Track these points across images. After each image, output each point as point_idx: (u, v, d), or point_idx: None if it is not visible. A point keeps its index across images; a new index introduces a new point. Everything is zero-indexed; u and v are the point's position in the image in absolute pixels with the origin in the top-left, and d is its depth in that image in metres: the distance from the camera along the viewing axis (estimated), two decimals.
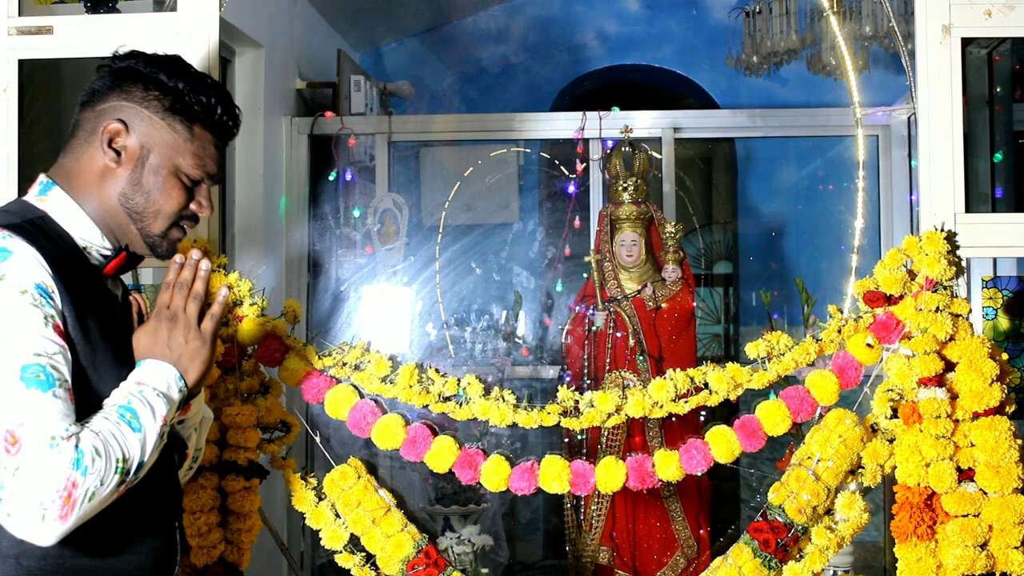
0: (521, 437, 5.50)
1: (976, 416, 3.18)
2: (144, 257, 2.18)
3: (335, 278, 5.65)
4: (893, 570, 3.32)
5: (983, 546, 3.14)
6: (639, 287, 4.58)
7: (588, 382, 4.47)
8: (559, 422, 3.34)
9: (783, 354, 3.30)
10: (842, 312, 3.37)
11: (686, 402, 3.31)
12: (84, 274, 2.03)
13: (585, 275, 4.81)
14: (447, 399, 3.36)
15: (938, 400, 3.16)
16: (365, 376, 3.36)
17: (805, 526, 3.28)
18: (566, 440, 4.54)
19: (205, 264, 2.12)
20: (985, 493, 3.15)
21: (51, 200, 2.06)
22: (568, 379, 4.52)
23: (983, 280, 4.00)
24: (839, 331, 3.32)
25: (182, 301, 2.09)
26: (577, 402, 3.35)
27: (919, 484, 3.17)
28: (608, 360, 4.47)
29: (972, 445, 3.16)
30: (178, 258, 2.12)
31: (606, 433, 4.34)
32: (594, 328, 4.52)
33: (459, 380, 3.38)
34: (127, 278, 3.48)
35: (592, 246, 4.83)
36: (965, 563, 3.12)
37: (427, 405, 3.36)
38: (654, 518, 4.40)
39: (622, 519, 4.43)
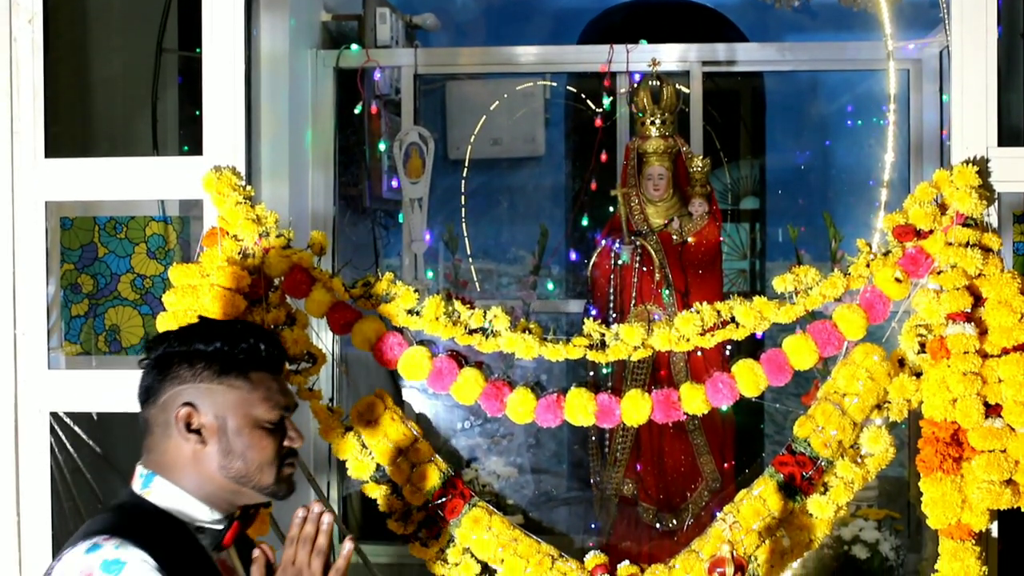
0: (546, 370, 5.52)
1: (1005, 352, 3.17)
2: (256, 517, 2.28)
3: (361, 211, 5.65)
4: (917, 504, 3.33)
5: (1008, 481, 3.14)
6: (666, 221, 4.56)
7: (614, 316, 4.46)
8: (585, 355, 3.34)
9: (811, 288, 3.29)
10: (871, 247, 3.35)
11: (712, 335, 3.31)
12: (194, 561, 2.08)
13: (612, 209, 4.79)
14: (473, 331, 3.37)
15: (966, 335, 3.15)
16: (391, 308, 3.37)
17: (830, 460, 3.28)
18: (591, 374, 4.54)
19: (327, 518, 2.11)
20: (1012, 429, 3.14)
21: (155, 490, 2.12)
22: (594, 313, 4.51)
23: (1014, 214, 3.95)
24: (867, 265, 3.30)
25: (306, 557, 2.08)
26: (603, 335, 3.35)
27: (946, 419, 3.17)
28: (634, 294, 4.46)
29: (1000, 381, 3.16)
30: (300, 512, 2.12)
31: (631, 367, 4.34)
32: (620, 262, 4.50)
33: (485, 312, 3.38)
34: None
35: (619, 180, 4.80)
36: (990, 498, 3.12)
37: (453, 337, 3.37)
38: (679, 451, 4.41)
39: (647, 452, 4.44)
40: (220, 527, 2.15)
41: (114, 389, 3.63)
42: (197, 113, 3.64)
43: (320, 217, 5.14)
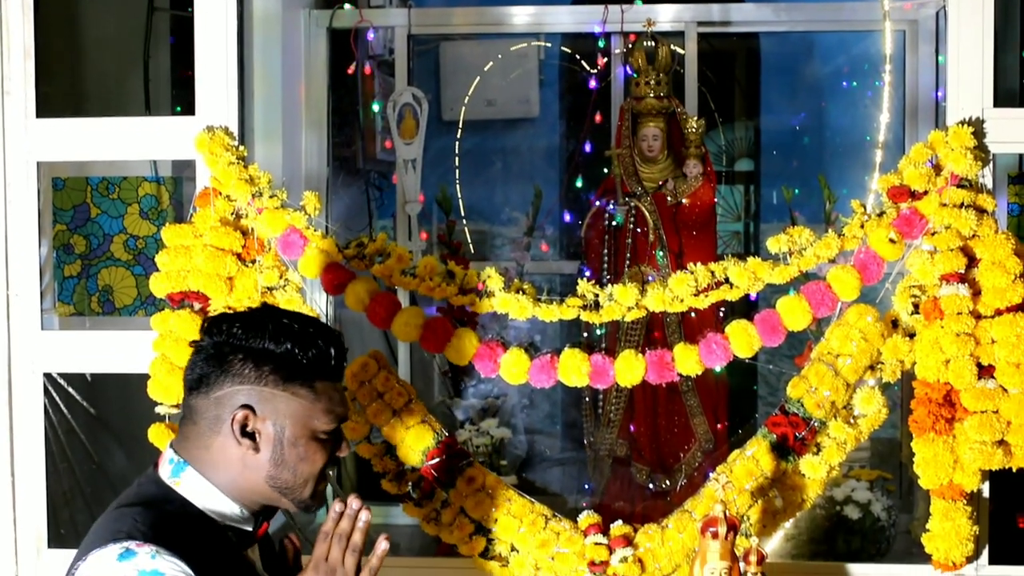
0: (540, 331, 5.52)
1: (998, 313, 3.18)
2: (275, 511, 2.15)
3: (355, 172, 5.63)
4: (909, 465, 3.35)
5: (1000, 442, 3.16)
6: (660, 182, 4.55)
7: (608, 277, 4.45)
8: (579, 316, 3.34)
9: (805, 249, 3.28)
10: (865, 208, 3.35)
11: (706, 296, 3.31)
12: (226, 558, 2.00)
13: (606, 170, 4.77)
14: (467, 292, 3.36)
15: (960, 296, 3.15)
16: (385, 268, 3.37)
17: (823, 420, 3.29)
18: (585, 335, 4.55)
19: (364, 515, 2.03)
20: (1005, 389, 3.16)
21: (186, 483, 2.01)
22: (588, 274, 4.50)
23: (1009, 176, 3.96)
24: (862, 226, 3.30)
25: (340, 554, 2.01)
26: (597, 296, 3.35)
27: (939, 380, 3.19)
28: (628, 255, 4.45)
29: (993, 342, 3.17)
30: (337, 506, 2.04)
31: (625, 328, 4.34)
32: (614, 223, 4.49)
33: (479, 273, 3.38)
34: None
35: (613, 141, 4.78)
36: (982, 458, 3.14)
37: (447, 298, 3.37)
38: (672, 412, 4.42)
39: (640, 413, 4.45)
40: (248, 527, 2.06)
41: (108, 350, 3.64)
42: (189, 73, 3.63)
43: (313, 178, 5.12)
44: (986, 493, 3.41)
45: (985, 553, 3.45)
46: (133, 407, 3.94)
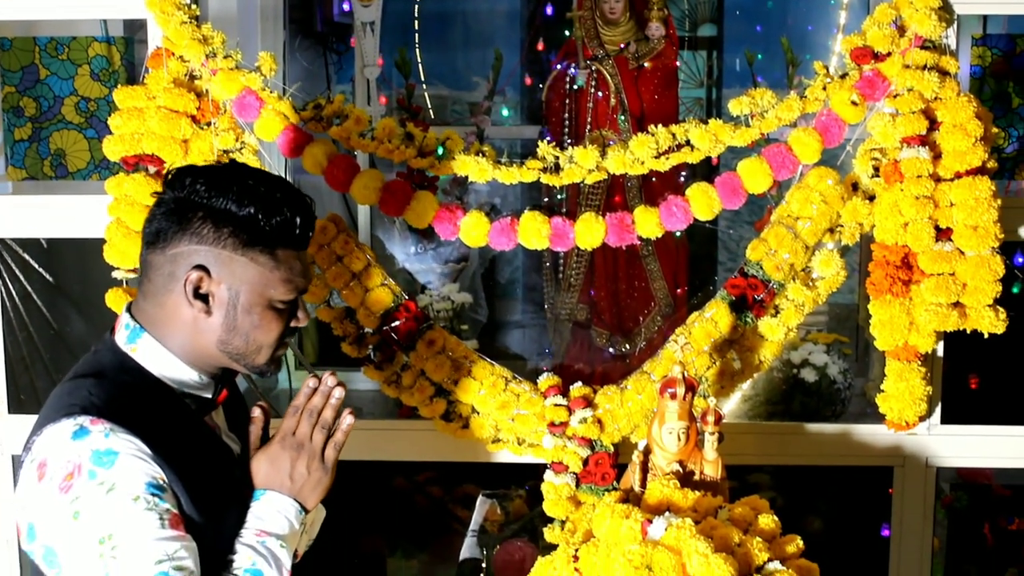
0: (501, 196, 5.50)
1: (958, 176, 3.19)
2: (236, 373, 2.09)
3: (312, 35, 5.53)
4: (866, 328, 3.38)
5: (956, 304, 3.19)
6: (622, 45, 4.49)
7: (569, 141, 4.42)
8: (539, 178, 3.32)
9: (766, 111, 3.26)
10: (828, 69, 3.32)
11: (667, 159, 3.29)
12: (185, 427, 1.95)
13: (567, 33, 4.70)
14: (427, 154, 3.33)
15: (920, 159, 3.15)
16: (343, 130, 3.32)
17: (782, 283, 3.31)
18: (545, 200, 4.53)
19: (339, 392, 2.00)
20: (961, 252, 3.18)
21: (142, 348, 1.95)
22: (549, 138, 4.47)
23: (973, 38, 3.93)
24: (824, 88, 3.27)
25: (308, 429, 1.99)
26: (557, 158, 3.32)
27: (897, 243, 3.20)
28: (589, 119, 4.41)
29: (952, 205, 3.18)
30: (311, 382, 2.01)
31: (585, 192, 4.33)
32: (575, 87, 4.44)
33: (438, 136, 3.34)
34: None
35: (575, 2, 4.70)
36: (937, 320, 3.17)
37: (406, 160, 3.33)
38: (632, 276, 4.43)
39: (601, 277, 4.46)
40: (207, 393, 2.02)
41: (62, 215, 3.59)
42: None
43: (270, 38, 5.02)
44: (940, 354, 3.46)
45: (937, 412, 3.52)
46: (90, 272, 3.92)
